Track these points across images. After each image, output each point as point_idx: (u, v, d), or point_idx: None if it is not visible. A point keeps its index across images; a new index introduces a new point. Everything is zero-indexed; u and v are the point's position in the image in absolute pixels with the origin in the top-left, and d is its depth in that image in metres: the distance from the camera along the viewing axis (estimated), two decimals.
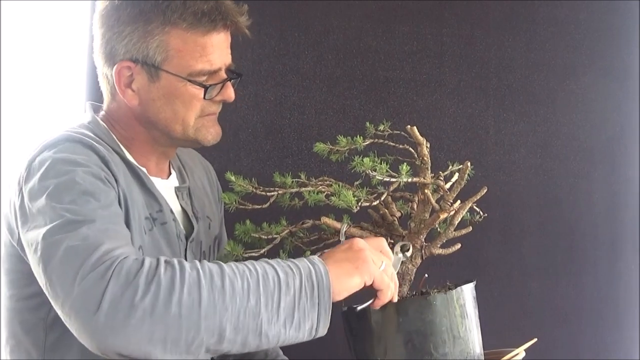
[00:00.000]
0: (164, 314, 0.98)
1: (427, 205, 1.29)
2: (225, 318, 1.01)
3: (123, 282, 0.98)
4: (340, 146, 1.31)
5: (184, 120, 1.29)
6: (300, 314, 1.07)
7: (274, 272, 1.07)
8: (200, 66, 1.26)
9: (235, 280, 1.03)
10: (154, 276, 1.00)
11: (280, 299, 1.05)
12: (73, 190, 1.10)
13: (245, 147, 1.98)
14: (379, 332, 1.23)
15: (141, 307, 0.97)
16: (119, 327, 0.97)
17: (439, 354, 1.20)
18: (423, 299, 1.23)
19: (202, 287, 1.01)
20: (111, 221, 1.10)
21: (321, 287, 1.08)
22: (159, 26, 1.24)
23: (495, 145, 2.08)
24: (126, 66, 1.27)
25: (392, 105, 2.04)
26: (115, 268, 0.99)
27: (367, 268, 1.13)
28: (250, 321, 1.03)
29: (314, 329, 1.09)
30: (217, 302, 1.01)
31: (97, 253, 1.02)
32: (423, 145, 1.30)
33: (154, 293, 0.98)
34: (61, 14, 1.86)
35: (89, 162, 1.16)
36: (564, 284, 2.11)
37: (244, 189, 1.29)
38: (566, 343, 2.09)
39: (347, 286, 1.12)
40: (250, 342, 1.04)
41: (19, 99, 1.83)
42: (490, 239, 2.05)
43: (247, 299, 1.03)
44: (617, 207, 2.16)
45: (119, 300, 0.97)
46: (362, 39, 2.04)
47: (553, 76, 2.11)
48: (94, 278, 0.99)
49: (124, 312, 0.97)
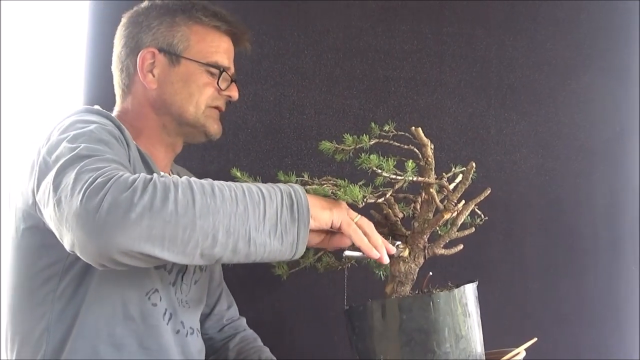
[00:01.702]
0: (161, 209, 1.04)
1: (431, 205, 1.30)
2: (218, 220, 1.07)
3: (122, 186, 1.04)
4: (346, 145, 1.32)
5: (197, 103, 1.44)
6: (282, 226, 1.14)
7: (257, 187, 1.16)
8: (215, 58, 1.45)
9: (224, 188, 1.11)
10: (151, 180, 1.07)
11: (265, 209, 1.13)
12: (89, 137, 1.19)
13: (244, 147, 1.98)
14: (381, 330, 1.24)
15: (140, 203, 1.03)
16: (119, 223, 1.02)
17: (442, 352, 1.21)
18: (427, 297, 1.24)
19: (194, 191, 1.08)
20: (120, 160, 1.18)
21: (300, 204, 1.16)
22: (184, 19, 1.45)
23: (496, 145, 2.09)
24: (150, 52, 1.43)
25: (392, 105, 2.04)
26: (115, 178, 1.06)
27: (339, 211, 1.21)
28: (240, 226, 1.09)
29: (294, 243, 1.15)
30: (209, 204, 1.08)
31: (100, 171, 1.08)
32: (427, 146, 1.31)
33: (152, 192, 1.05)
34: (61, 14, 1.86)
35: (105, 124, 1.27)
36: (565, 284, 2.11)
37: None
38: (567, 343, 2.09)
39: (318, 215, 1.19)
40: (240, 248, 1.10)
41: (19, 99, 1.83)
42: (491, 239, 2.05)
43: (236, 204, 1.10)
44: (617, 207, 2.17)
45: (118, 200, 1.03)
46: (361, 38, 2.04)
47: (554, 76, 2.12)
48: (96, 186, 1.05)
49: (124, 209, 1.02)
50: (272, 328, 1.70)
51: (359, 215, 1.24)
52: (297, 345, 1.68)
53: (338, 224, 1.21)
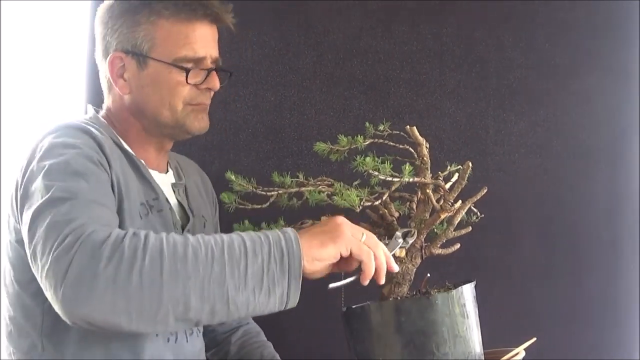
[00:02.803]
0: (125, 283, 1.01)
1: (427, 205, 1.30)
2: (189, 287, 1.03)
3: (88, 252, 1.02)
4: (340, 146, 1.32)
5: (170, 105, 1.36)
6: (269, 281, 1.08)
7: (240, 240, 1.09)
8: (183, 52, 1.34)
9: (198, 249, 1.06)
10: (118, 247, 1.03)
11: (247, 266, 1.07)
12: (65, 171, 1.16)
13: (245, 147, 1.99)
14: (379, 332, 1.24)
15: (103, 276, 1.00)
16: (83, 297, 1.00)
17: (441, 353, 1.21)
18: (425, 298, 1.24)
19: (163, 257, 1.03)
20: (95, 199, 1.15)
21: (291, 254, 1.10)
22: (145, 16, 1.34)
23: (495, 145, 2.09)
24: (118, 56, 1.36)
25: (391, 105, 2.05)
26: (83, 239, 1.03)
27: (343, 239, 1.14)
28: (216, 289, 1.05)
29: (284, 295, 1.09)
30: (179, 270, 1.03)
31: (72, 225, 1.06)
32: (423, 145, 1.31)
33: (116, 263, 1.01)
34: (61, 14, 1.86)
35: (84, 145, 1.22)
36: (564, 284, 2.12)
37: (243, 189, 1.31)
38: (566, 343, 2.10)
39: (319, 255, 1.13)
40: (219, 310, 1.06)
41: (19, 99, 1.84)
42: (490, 239, 2.05)
43: (211, 266, 1.05)
44: (617, 207, 2.17)
45: (83, 270, 1.01)
46: (361, 39, 2.04)
47: (553, 76, 2.12)
48: (63, 249, 1.03)
49: (88, 282, 1.00)
50: (269, 330, 1.70)
51: (364, 233, 1.18)
52: (295, 347, 1.69)
53: (348, 252, 1.15)
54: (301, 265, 1.10)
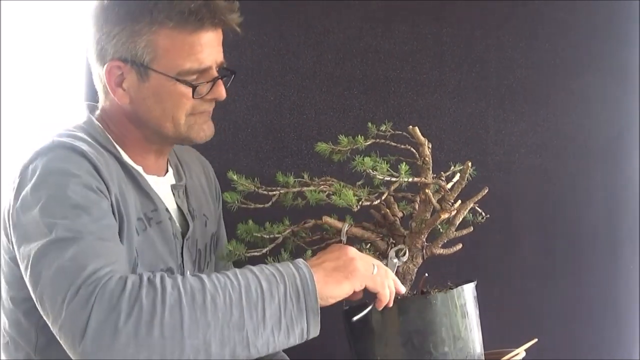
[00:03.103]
0: (147, 336, 1.01)
1: (428, 205, 1.31)
2: (209, 334, 1.04)
3: (106, 306, 1.01)
4: (341, 146, 1.33)
5: (174, 118, 1.31)
6: (287, 321, 1.09)
7: (256, 282, 1.10)
8: (188, 65, 1.27)
9: (216, 295, 1.06)
10: (136, 299, 1.03)
11: (264, 309, 1.08)
12: (64, 204, 1.12)
13: (244, 147, 1.98)
14: (379, 332, 1.25)
15: (125, 331, 1.00)
16: (104, 352, 1.00)
17: (439, 353, 1.22)
18: (423, 298, 1.25)
19: (183, 307, 1.04)
20: (102, 236, 1.13)
21: (307, 292, 1.11)
22: (147, 26, 1.25)
23: (495, 145, 2.09)
24: (116, 65, 1.28)
25: (392, 105, 2.05)
26: (98, 292, 1.02)
27: (356, 276, 1.17)
28: (236, 334, 1.06)
29: (304, 332, 1.11)
30: (199, 319, 1.04)
31: (83, 274, 1.04)
32: (425, 145, 1.32)
33: (137, 317, 1.01)
34: (61, 14, 1.86)
35: (80, 171, 1.17)
36: (564, 284, 2.12)
37: (246, 188, 1.32)
38: (566, 343, 2.10)
39: (334, 294, 1.15)
40: (239, 353, 1.06)
41: (19, 99, 1.84)
42: (490, 239, 2.05)
43: (230, 312, 1.06)
44: (617, 207, 2.18)
45: (103, 325, 1.01)
46: (361, 38, 2.04)
47: (553, 76, 2.12)
48: (79, 303, 1.02)
49: (109, 338, 1.00)
50: None
51: (374, 265, 1.20)
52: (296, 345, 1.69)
53: (362, 288, 1.18)
54: (318, 302, 1.11)
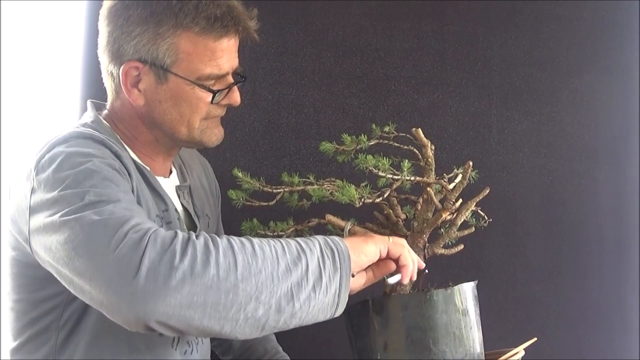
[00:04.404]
0: (203, 274, 1.02)
1: (430, 205, 1.33)
2: (261, 281, 1.06)
3: (159, 248, 1.02)
4: (346, 145, 1.35)
5: (189, 122, 1.33)
6: (327, 277, 1.13)
7: (294, 241, 1.15)
8: (209, 70, 1.30)
9: (263, 246, 1.10)
10: (189, 241, 1.05)
11: (307, 262, 1.12)
12: (93, 177, 1.13)
13: (242, 146, 1.99)
14: (379, 328, 1.28)
15: (181, 268, 1.01)
16: (159, 290, 1.00)
17: (438, 350, 1.25)
18: (423, 294, 1.28)
19: (235, 251, 1.07)
20: (134, 203, 1.15)
21: (341, 252, 1.16)
22: (171, 29, 1.27)
23: (499, 144, 2.10)
24: (134, 66, 1.29)
25: (392, 104, 2.05)
26: (150, 236, 1.03)
27: (378, 239, 1.23)
28: (283, 284, 1.08)
29: (336, 293, 1.14)
30: (251, 264, 1.06)
31: (128, 224, 1.05)
32: (427, 147, 1.34)
33: (192, 255, 1.03)
34: (60, 14, 1.88)
35: (102, 155, 1.20)
36: (569, 286, 2.12)
37: (251, 186, 1.34)
38: (571, 346, 2.11)
39: (364, 251, 1.20)
40: (284, 307, 1.08)
41: (19, 99, 1.85)
42: (493, 241, 2.06)
43: (278, 262, 1.09)
44: (622, 208, 2.18)
45: (157, 264, 1.01)
46: (361, 36, 2.05)
47: (557, 74, 2.13)
48: (130, 245, 1.02)
49: (164, 275, 1.00)
50: None
51: (390, 238, 1.26)
52: (296, 343, 1.71)
53: (386, 251, 1.23)
54: (350, 262, 1.16)
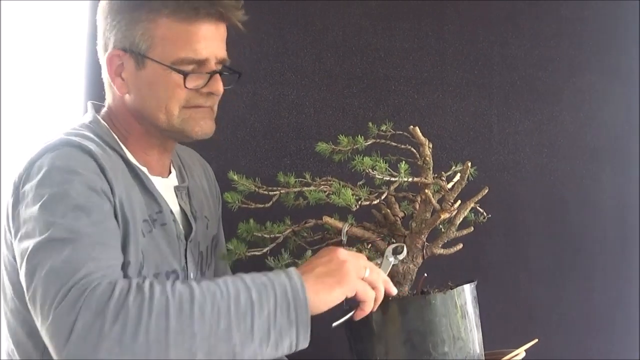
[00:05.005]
0: (131, 343, 1.03)
1: (428, 205, 1.34)
2: (195, 344, 1.06)
3: (93, 311, 1.04)
4: (342, 146, 1.35)
5: (167, 108, 1.34)
6: (276, 333, 1.10)
7: (246, 292, 1.11)
8: (183, 54, 1.32)
9: (204, 305, 1.08)
10: (123, 304, 1.05)
11: (253, 320, 1.09)
12: (65, 204, 1.16)
13: (243, 147, 2.00)
14: (379, 332, 1.28)
15: (109, 337, 1.03)
16: (88, 356, 1.03)
17: (438, 353, 1.26)
18: (422, 298, 1.29)
19: (170, 315, 1.05)
20: (99, 240, 1.16)
21: (298, 304, 1.12)
22: (144, 14, 1.31)
23: (499, 144, 2.10)
24: (116, 54, 1.34)
25: (392, 104, 2.06)
26: (87, 296, 1.05)
27: (349, 281, 1.18)
28: (222, 345, 1.07)
29: (293, 345, 1.13)
30: (185, 329, 1.05)
31: (74, 277, 1.08)
32: (425, 145, 1.35)
33: (122, 323, 1.03)
34: (61, 13, 1.89)
35: (85, 170, 1.21)
36: (570, 287, 2.13)
37: (247, 188, 1.35)
38: (572, 346, 2.12)
39: (326, 300, 1.16)
40: None
41: (19, 99, 1.86)
42: (494, 241, 2.07)
43: (217, 323, 1.07)
44: (625, 209, 2.19)
45: (88, 330, 1.03)
46: (361, 36, 2.06)
47: (558, 74, 2.13)
48: (66, 306, 1.05)
49: (93, 342, 1.03)
50: None
51: (367, 268, 1.22)
52: None
53: (353, 294, 1.19)
54: (308, 313, 1.13)
